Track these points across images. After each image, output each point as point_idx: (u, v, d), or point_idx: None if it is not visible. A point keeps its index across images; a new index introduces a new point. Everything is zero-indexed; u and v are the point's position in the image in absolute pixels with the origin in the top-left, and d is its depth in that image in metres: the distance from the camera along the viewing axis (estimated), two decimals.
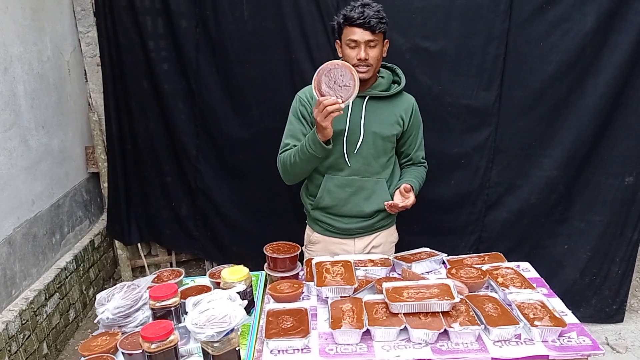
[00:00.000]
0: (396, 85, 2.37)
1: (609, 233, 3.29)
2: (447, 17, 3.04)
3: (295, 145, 2.30)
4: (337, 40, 2.28)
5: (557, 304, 1.86)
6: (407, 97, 2.40)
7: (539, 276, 2.11)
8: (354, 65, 2.16)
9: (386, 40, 2.25)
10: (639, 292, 3.79)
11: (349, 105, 2.17)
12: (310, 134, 2.16)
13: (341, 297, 1.90)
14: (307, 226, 2.57)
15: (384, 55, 2.28)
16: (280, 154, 2.37)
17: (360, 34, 2.14)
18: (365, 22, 2.11)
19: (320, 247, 2.48)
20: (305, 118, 2.33)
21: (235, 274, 1.90)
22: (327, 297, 1.91)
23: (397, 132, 2.33)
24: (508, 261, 2.18)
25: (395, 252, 2.53)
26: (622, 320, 3.42)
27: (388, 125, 2.31)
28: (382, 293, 1.80)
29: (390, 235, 2.54)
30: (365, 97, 2.28)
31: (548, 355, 1.60)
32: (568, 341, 1.66)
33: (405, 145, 2.43)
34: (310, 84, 3.37)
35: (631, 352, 3.13)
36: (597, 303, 3.41)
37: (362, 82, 2.19)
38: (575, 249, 3.35)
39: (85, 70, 3.89)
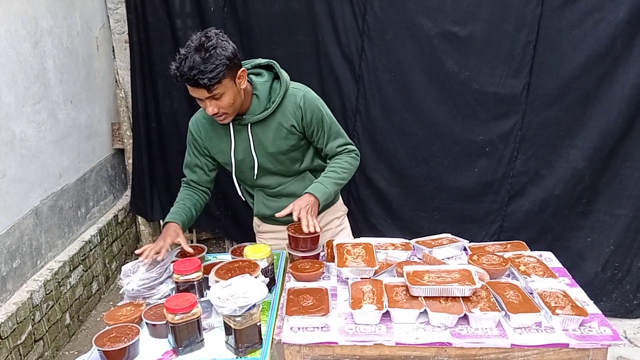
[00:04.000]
0: (277, 82, 2.09)
1: (634, 227, 3.24)
2: (477, 2, 3.01)
3: (191, 180, 2.24)
4: None
5: (579, 294, 1.85)
6: (291, 99, 2.07)
7: (561, 266, 2.10)
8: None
9: (241, 71, 1.93)
10: None
11: (231, 139, 2.10)
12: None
13: (361, 278, 1.91)
14: (255, 217, 2.44)
15: (243, 86, 1.96)
16: (182, 181, 2.29)
17: (197, 92, 1.89)
18: (195, 82, 1.83)
19: (272, 235, 2.39)
20: (197, 149, 2.19)
21: (257, 251, 1.93)
22: (348, 278, 1.92)
23: (296, 141, 2.12)
24: (530, 251, 2.17)
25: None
26: None
27: (281, 140, 2.09)
28: (403, 276, 1.81)
29: (336, 212, 2.42)
30: (247, 124, 2.07)
31: (568, 344, 1.60)
32: (589, 330, 1.64)
33: (314, 143, 2.19)
34: (335, 68, 3.34)
35: None
36: (617, 297, 3.37)
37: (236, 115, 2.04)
38: (598, 242, 3.31)
39: (113, 46, 3.93)
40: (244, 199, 2.37)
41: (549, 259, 2.15)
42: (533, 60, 3.04)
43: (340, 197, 2.49)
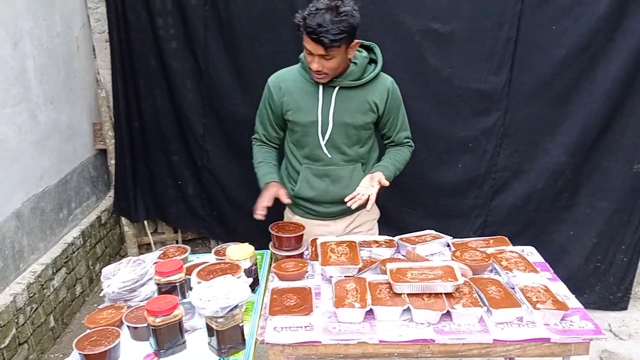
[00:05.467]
0: (372, 65, 2.22)
1: (616, 220, 3.27)
2: None
3: (263, 134, 2.39)
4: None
5: (560, 288, 1.86)
6: (382, 81, 2.23)
7: (543, 260, 2.11)
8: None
9: (354, 42, 2.05)
10: None
11: (319, 96, 2.15)
12: (260, 179, 2.31)
13: (345, 276, 1.91)
14: (287, 208, 2.47)
15: (351, 56, 2.10)
16: (254, 139, 2.46)
17: (313, 47, 1.97)
18: (317, 38, 1.92)
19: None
20: (272, 107, 2.27)
21: (240, 251, 1.92)
22: (331, 277, 1.92)
23: (372, 120, 2.23)
24: (513, 246, 2.18)
25: (383, 229, 2.56)
26: (626, 308, 3.41)
27: (360, 114, 2.19)
28: (386, 273, 1.81)
29: (371, 214, 2.46)
30: (335, 87, 2.15)
31: (549, 338, 1.61)
32: (570, 325, 1.66)
33: (385, 129, 2.32)
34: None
35: (634, 340, 3.13)
36: (601, 290, 3.40)
37: None
38: (580, 235, 3.34)
39: (93, 46, 3.88)
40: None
41: (531, 253, 2.17)
42: (514, 57, 3.05)
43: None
